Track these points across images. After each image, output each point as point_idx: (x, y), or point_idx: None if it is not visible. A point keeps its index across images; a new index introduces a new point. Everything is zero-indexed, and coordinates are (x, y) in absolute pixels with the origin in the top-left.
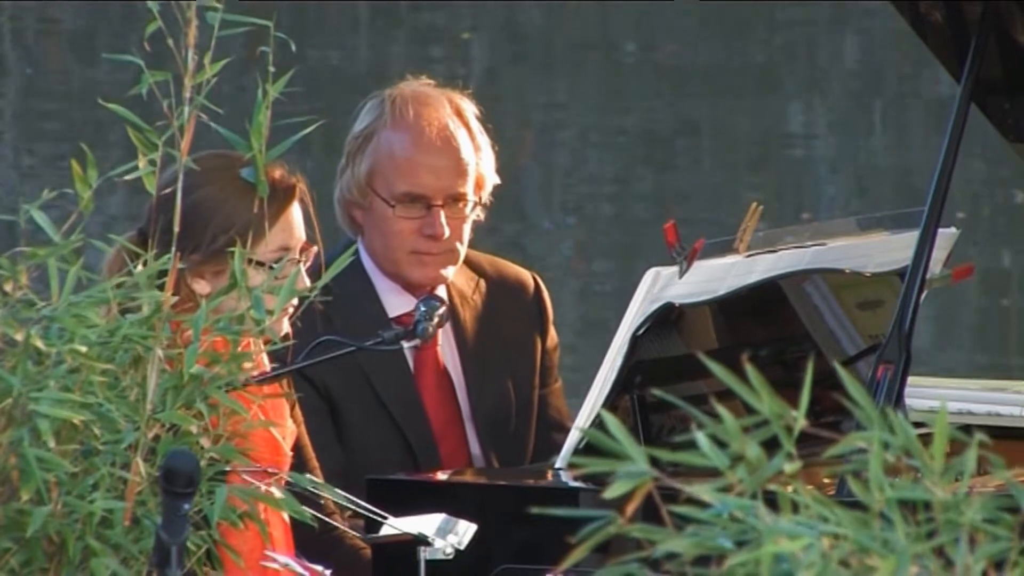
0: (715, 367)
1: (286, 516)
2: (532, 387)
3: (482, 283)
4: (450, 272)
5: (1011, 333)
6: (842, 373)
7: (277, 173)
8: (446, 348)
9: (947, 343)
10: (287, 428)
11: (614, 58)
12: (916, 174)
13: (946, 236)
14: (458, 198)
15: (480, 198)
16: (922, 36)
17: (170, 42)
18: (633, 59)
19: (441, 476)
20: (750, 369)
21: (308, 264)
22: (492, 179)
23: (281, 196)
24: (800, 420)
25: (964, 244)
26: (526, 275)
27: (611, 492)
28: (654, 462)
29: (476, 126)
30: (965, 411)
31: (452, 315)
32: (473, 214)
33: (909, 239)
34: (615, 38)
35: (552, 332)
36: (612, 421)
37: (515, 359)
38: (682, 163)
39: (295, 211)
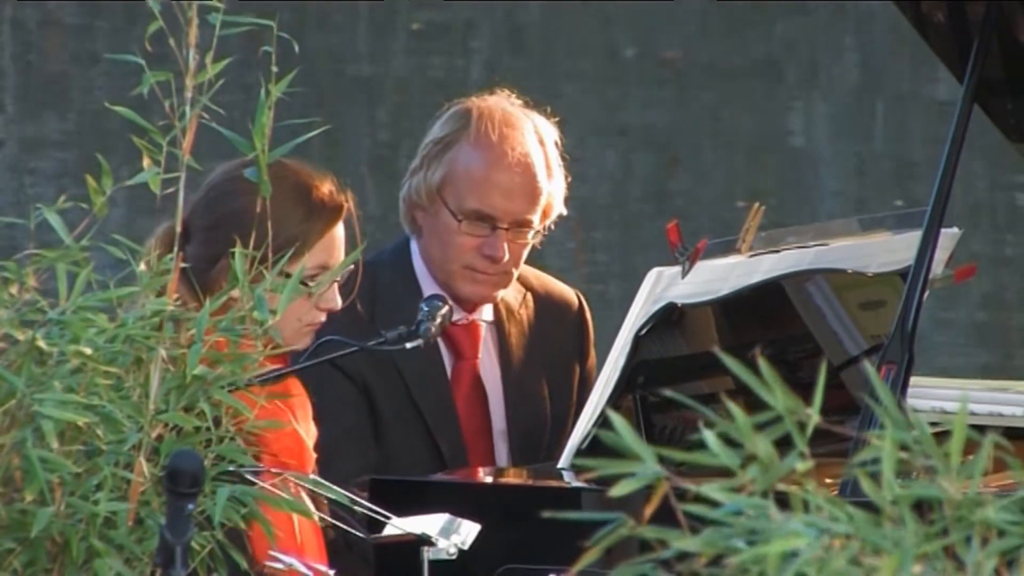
0: (731, 362)
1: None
2: (569, 406)
3: (529, 297)
4: (500, 293)
5: (1012, 333)
6: (868, 371)
7: (326, 189)
8: (486, 360)
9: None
10: (311, 428)
11: (614, 57)
12: (917, 174)
13: (948, 236)
14: (524, 224)
15: (544, 227)
16: (924, 36)
17: (171, 42)
18: (633, 58)
19: (444, 477)
20: (763, 364)
21: (342, 281)
22: (559, 208)
23: (328, 214)
24: (815, 416)
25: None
26: (571, 293)
27: (617, 491)
28: (663, 461)
29: (554, 154)
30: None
31: (497, 328)
32: (533, 240)
33: (911, 239)
34: (615, 37)
35: (592, 354)
36: (619, 421)
37: (554, 376)
38: (682, 163)
39: (339, 230)
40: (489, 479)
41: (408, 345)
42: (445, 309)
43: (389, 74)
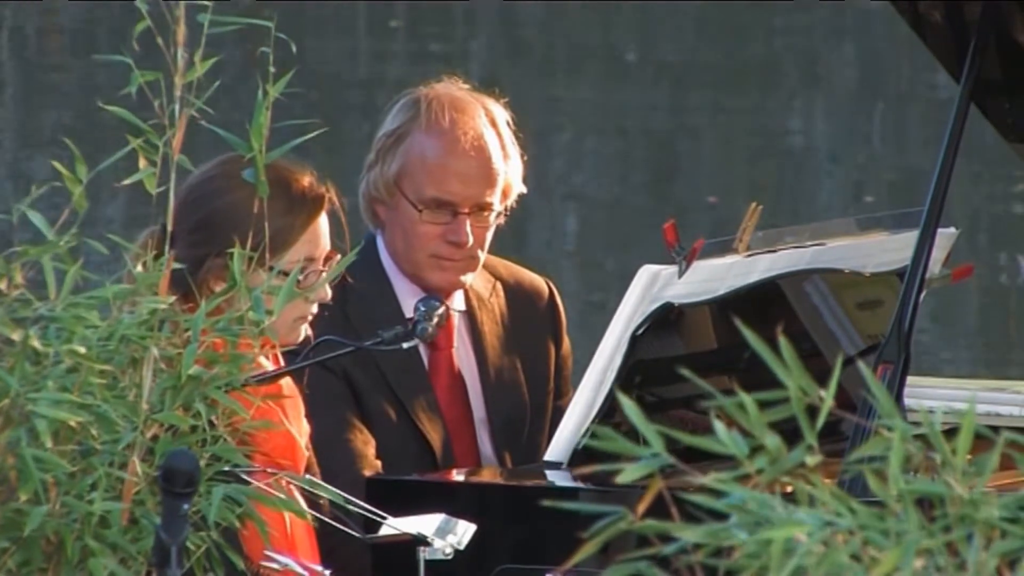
0: (749, 334)
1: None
2: (547, 392)
3: (499, 286)
4: (468, 278)
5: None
6: (865, 370)
7: (306, 181)
8: (461, 350)
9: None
10: (303, 427)
11: (614, 58)
12: (915, 175)
13: (946, 236)
14: (484, 207)
15: (505, 207)
16: (921, 36)
17: (160, 41)
18: (633, 59)
19: (440, 476)
20: (783, 342)
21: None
22: (518, 187)
23: (310, 206)
24: (828, 400)
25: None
26: (541, 282)
27: (624, 477)
28: (670, 449)
29: (507, 134)
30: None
31: (469, 317)
32: (496, 221)
33: (909, 239)
34: (615, 38)
35: (566, 340)
36: (629, 404)
37: (530, 364)
38: (681, 163)
39: (322, 221)
40: (486, 479)
41: (405, 345)
42: (442, 309)
43: (387, 74)
